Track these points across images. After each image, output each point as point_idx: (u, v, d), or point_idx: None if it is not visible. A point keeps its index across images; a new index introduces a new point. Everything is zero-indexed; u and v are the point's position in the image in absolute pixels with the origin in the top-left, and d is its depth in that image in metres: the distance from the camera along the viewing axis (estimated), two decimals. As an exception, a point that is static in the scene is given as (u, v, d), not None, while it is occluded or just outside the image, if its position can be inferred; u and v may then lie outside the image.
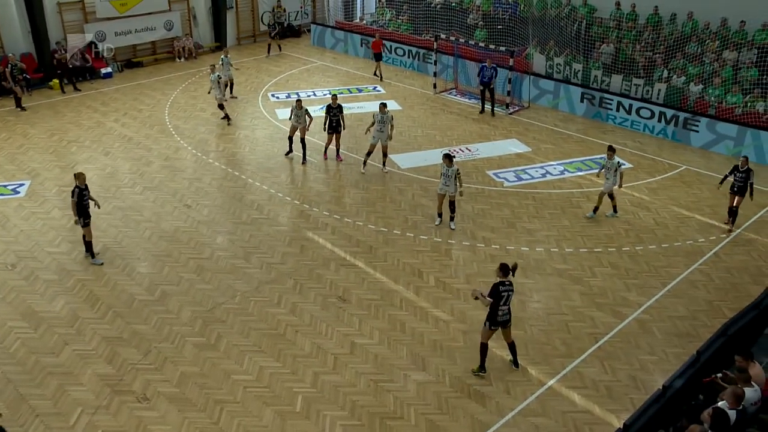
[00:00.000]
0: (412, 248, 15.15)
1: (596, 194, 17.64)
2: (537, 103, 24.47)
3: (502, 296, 10.76)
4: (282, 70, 28.68)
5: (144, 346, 11.95)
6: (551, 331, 12.48)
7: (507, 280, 10.79)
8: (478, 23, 27.95)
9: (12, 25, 25.66)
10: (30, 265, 14.39)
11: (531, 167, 19.27)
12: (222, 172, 18.85)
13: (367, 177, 18.51)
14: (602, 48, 24.20)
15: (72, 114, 23.40)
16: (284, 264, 14.49)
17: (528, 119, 23.14)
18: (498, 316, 10.89)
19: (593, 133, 21.93)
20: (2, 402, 10.67)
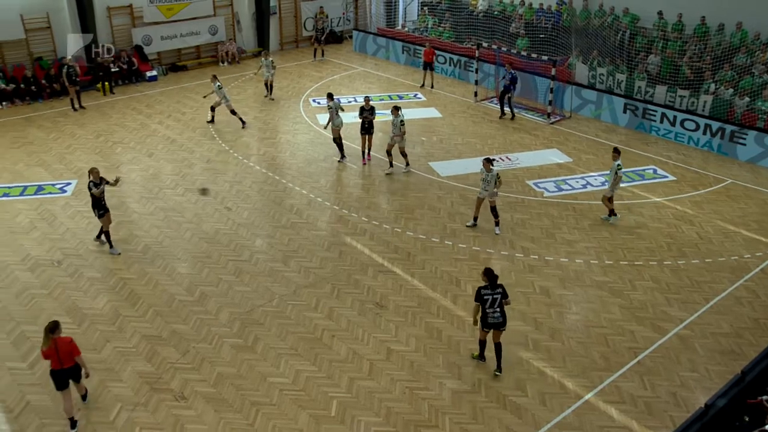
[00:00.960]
0: (450, 256, 15.10)
1: (638, 206, 17.44)
2: (579, 113, 24.23)
3: (485, 299, 11.05)
4: (323, 76, 28.87)
5: (183, 346, 12.10)
6: (590, 343, 12.31)
7: (489, 285, 11.06)
8: (520, 32, 27.82)
9: (65, 29, 26.29)
10: (75, 263, 14.68)
11: (571, 178, 19.08)
12: (263, 176, 19.03)
13: (406, 184, 18.52)
14: (649, 59, 23.87)
15: (118, 116, 23.86)
16: (322, 268, 14.56)
17: (569, 129, 22.93)
18: (488, 317, 11.15)
19: (636, 144, 21.63)
20: (48, 394, 10.90)
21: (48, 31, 25.90)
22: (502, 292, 11.12)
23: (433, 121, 23.46)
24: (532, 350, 12.09)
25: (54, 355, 9.92)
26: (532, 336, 12.47)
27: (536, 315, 13.08)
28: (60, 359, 9.96)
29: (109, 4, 27.20)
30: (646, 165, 20.03)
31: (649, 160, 20.38)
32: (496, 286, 11.09)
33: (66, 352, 9.95)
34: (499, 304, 11.10)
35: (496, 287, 11.09)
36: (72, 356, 10.02)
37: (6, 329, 12.48)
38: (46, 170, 19.19)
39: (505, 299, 11.16)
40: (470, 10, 30.57)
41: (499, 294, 11.08)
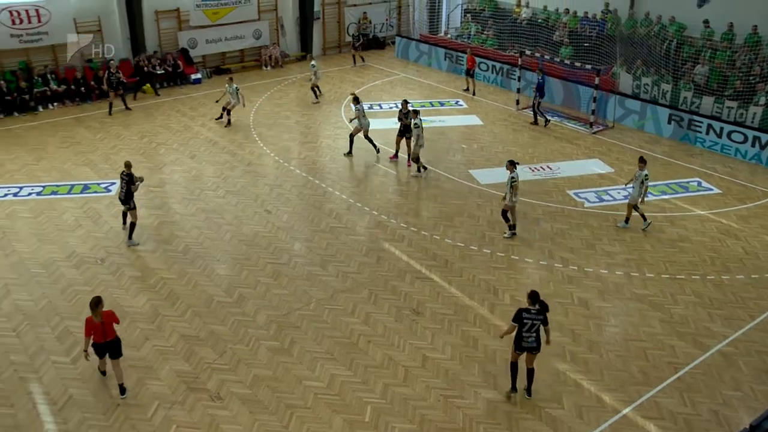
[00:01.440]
0: (488, 264, 15.02)
1: (681, 218, 17.16)
2: (622, 124, 23.91)
3: (525, 323, 10.53)
4: (365, 81, 28.98)
5: (220, 347, 12.23)
6: (628, 357, 12.11)
7: (533, 308, 10.53)
8: (563, 40, 27.58)
9: (114, 31, 26.87)
10: (117, 261, 14.96)
11: (613, 188, 18.82)
12: (302, 180, 19.17)
13: (446, 191, 18.47)
14: (696, 68, 23.46)
15: (162, 117, 24.27)
16: (360, 273, 14.59)
17: (612, 139, 22.63)
18: (523, 340, 10.65)
19: (680, 156, 21.25)
20: (89, 389, 11.14)
21: (99, 34, 26.47)
22: (543, 319, 10.62)
23: (473, 129, 23.37)
24: (570, 362, 11.94)
25: (100, 328, 10.59)
26: (570, 348, 12.32)
27: (574, 326, 12.93)
28: (104, 332, 10.63)
29: (157, 7, 27.71)
30: (691, 177, 19.66)
31: (694, 172, 20.00)
32: (540, 312, 10.58)
33: (110, 324, 10.69)
34: (536, 329, 10.63)
35: (540, 313, 10.59)
36: (113, 331, 10.76)
37: (51, 323, 12.78)
38: (92, 170, 19.61)
39: (544, 326, 10.70)
40: (513, 17, 30.41)
41: (539, 320, 10.59)
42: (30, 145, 21.50)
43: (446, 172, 19.55)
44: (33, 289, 13.90)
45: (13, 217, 16.85)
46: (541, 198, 18.17)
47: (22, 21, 24.52)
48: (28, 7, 24.55)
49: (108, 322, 10.66)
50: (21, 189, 18.38)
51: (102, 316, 10.55)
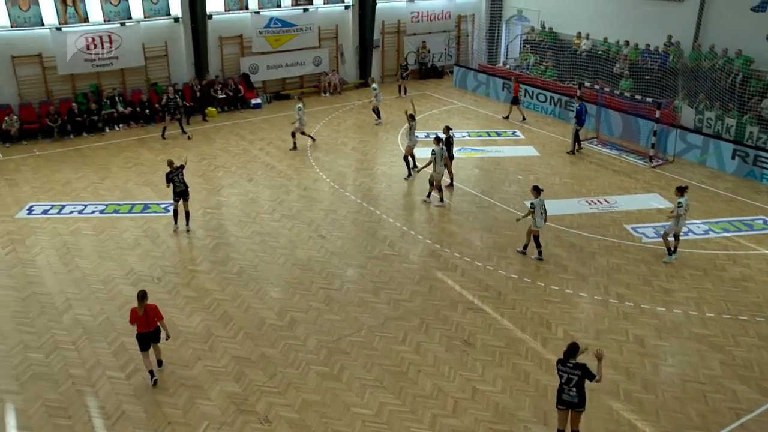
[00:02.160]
0: (541, 297, 14.82)
1: (744, 257, 16.67)
2: (683, 158, 23.44)
3: (561, 376, 10.02)
4: (422, 110, 29.10)
5: (270, 370, 12.33)
6: (686, 399, 11.74)
7: (569, 362, 9.95)
8: (624, 72, 27.29)
9: (180, 56, 27.78)
10: (173, 281, 15.29)
11: (673, 224, 18.40)
12: (357, 206, 19.31)
13: (501, 222, 18.36)
14: (763, 103, 22.87)
15: (222, 141, 24.83)
16: (412, 302, 14.57)
17: (672, 174, 22.18)
18: (562, 393, 10.10)
19: (744, 192, 20.69)
20: (141, 406, 11.35)
21: (165, 59, 27.41)
22: (582, 374, 9.86)
23: (530, 160, 23.23)
24: (624, 401, 11.64)
25: (143, 320, 11.63)
26: (624, 386, 12.01)
27: (629, 365, 12.61)
28: (147, 323, 11.64)
29: (221, 33, 28.52)
30: (755, 215, 19.09)
31: (759, 210, 19.42)
32: (576, 367, 9.88)
33: (152, 317, 11.69)
34: (576, 383, 9.91)
35: (576, 368, 9.89)
36: (156, 321, 11.73)
37: (108, 339, 13.11)
38: (153, 190, 20.15)
39: (589, 379, 9.88)
40: (573, 49, 30.26)
41: (577, 375, 9.87)
42: (96, 164, 22.27)
43: (501, 202, 19.44)
44: (92, 305, 14.31)
45: (78, 234, 17.42)
46: (597, 232, 17.89)
47: (96, 46, 25.56)
48: (102, 33, 25.61)
49: (151, 315, 11.68)
50: (86, 207, 19.03)
51: (146, 308, 11.60)
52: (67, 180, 20.97)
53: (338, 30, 31.95)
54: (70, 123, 24.93)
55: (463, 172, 21.68)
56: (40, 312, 14.05)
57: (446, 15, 35.10)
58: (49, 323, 13.60)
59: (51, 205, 19.14)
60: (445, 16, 35.10)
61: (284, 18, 29.82)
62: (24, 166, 22.17)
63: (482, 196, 19.99)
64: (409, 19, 34.02)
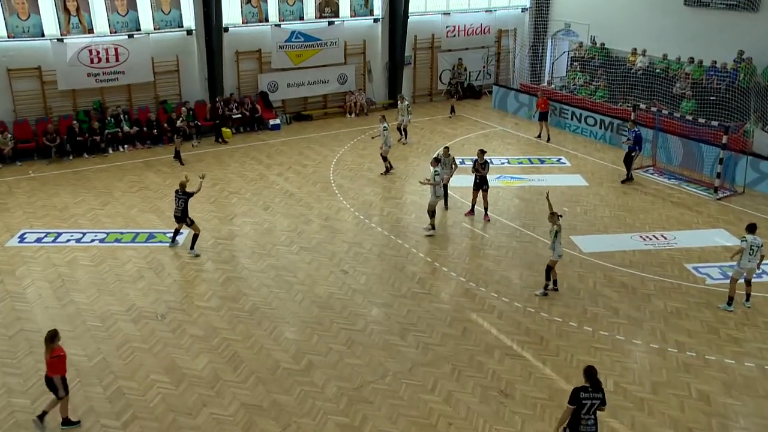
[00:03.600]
0: (589, 344, 14.60)
1: (824, 304, 16.29)
2: (755, 189, 23.14)
3: (584, 404, 10.21)
4: (457, 134, 29.21)
5: (284, 419, 12.25)
6: (757, 465, 11.43)
7: (590, 387, 10.26)
8: (685, 93, 27.14)
9: (192, 72, 28.31)
10: (178, 318, 15.33)
11: (741, 264, 18.10)
12: (384, 239, 19.30)
13: (544, 259, 18.15)
14: None
15: (236, 164, 25.08)
16: (443, 346, 14.44)
17: (741, 207, 21.88)
18: (580, 425, 10.28)
19: (823, 229, 20.33)
20: (136, 459, 11.30)
21: (176, 74, 27.91)
22: (602, 398, 10.32)
23: (577, 190, 23.08)
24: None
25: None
26: (685, 448, 11.74)
27: (692, 424, 12.31)
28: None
29: (238, 48, 29.00)
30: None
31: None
32: (599, 390, 10.29)
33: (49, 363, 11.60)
34: (595, 411, 10.29)
35: (598, 390, 10.29)
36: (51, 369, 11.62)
37: (104, 382, 13.12)
38: (159, 217, 20.36)
39: (602, 406, 10.37)
40: (628, 66, 30.20)
41: (599, 400, 10.28)
42: (97, 188, 22.59)
43: (544, 237, 19.24)
44: (87, 344, 14.35)
45: (74, 265, 17.59)
46: (653, 271, 17.65)
47: (100, 60, 26.10)
48: (108, 46, 26.14)
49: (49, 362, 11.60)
50: (84, 235, 19.24)
51: (51, 352, 11.55)
52: (64, 205, 21.28)
53: (366, 45, 32.34)
54: (69, 143, 25.35)
55: (502, 202, 21.61)
56: (27, 351, 14.08)
57: (485, 29, 35.33)
58: (37, 364, 13.53)
59: (45, 233, 19.38)
60: (484, 31, 35.33)
61: (307, 32, 30.26)
62: (17, 189, 22.55)
63: (523, 230, 19.86)
64: (445, 33, 34.31)
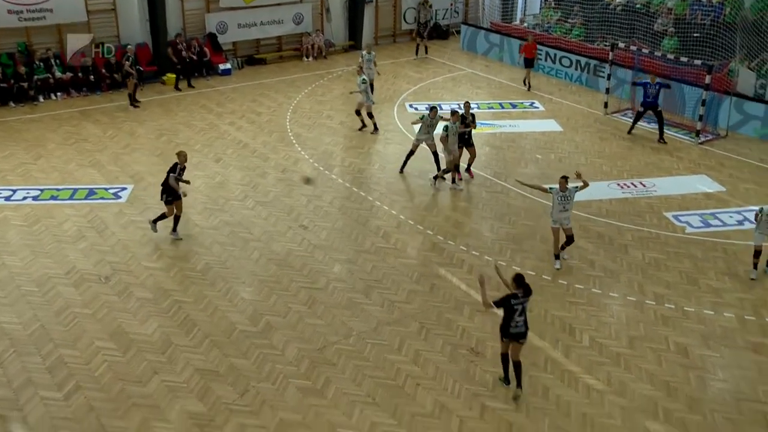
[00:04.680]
0: (564, 298, 14.87)
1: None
2: (738, 132, 23.51)
3: (515, 309, 11.60)
4: (423, 77, 29.14)
5: (241, 384, 12.34)
6: (741, 421, 11.76)
7: (520, 293, 11.58)
8: (667, 30, 27.24)
9: (130, 12, 27.63)
10: (124, 280, 15.27)
11: (723, 212, 18.49)
12: (346, 191, 19.34)
13: (516, 209, 18.41)
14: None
15: (184, 113, 24.82)
16: (409, 303, 14.60)
17: (724, 151, 22.25)
18: (510, 327, 11.75)
19: (813, 173, 20.78)
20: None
21: (112, 14, 27.30)
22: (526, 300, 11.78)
23: (551, 136, 23.25)
24: (663, 422, 11.69)
25: None
26: (663, 404, 12.06)
27: (669, 378, 12.66)
28: None
29: (182, -15, 28.45)
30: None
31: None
32: (528, 293, 11.69)
33: None
34: (524, 312, 11.74)
35: (528, 294, 11.68)
36: None
37: (43, 352, 12.99)
38: (100, 172, 20.13)
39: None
40: (605, 3, 30.21)
41: (526, 301, 11.74)
42: (27, 141, 22.20)
43: (516, 187, 19.44)
44: (23, 310, 14.16)
45: (4, 225, 17.34)
46: (631, 221, 17.96)
47: (23, -6, 25.17)
48: (32, -21, 25.22)
49: None
50: (15, 192, 18.94)
51: None
52: (-8, 160, 20.95)
53: (323, -18, 31.95)
54: (-8, 90, 24.73)
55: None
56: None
57: (452, -38, 35.06)
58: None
59: (-28, 191, 19.08)
60: (451, -36, 35.05)
61: (259, -34, 29.75)
62: (-63, 144, 22.10)
63: (494, 179, 20.02)
64: (408, -34, 33.98)
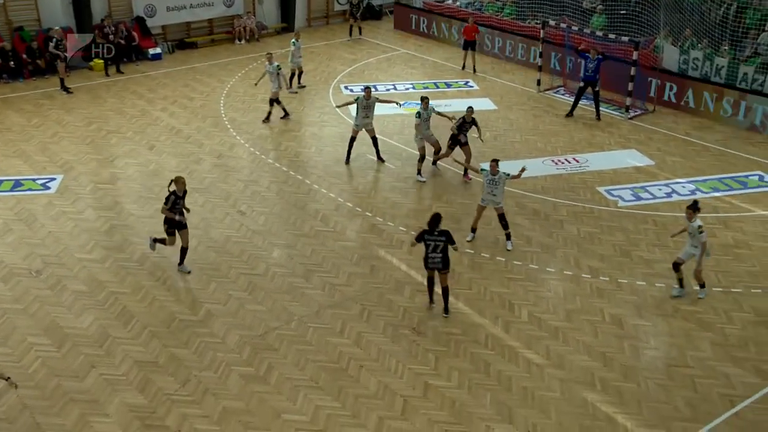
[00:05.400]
0: (502, 275, 15.08)
1: (737, 219, 17.18)
2: (665, 107, 24.00)
3: (428, 244, 13.15)
4: (357, 59, 29.08)
5: (182, 374, 12.25)
6: (672, 387, 12.13)
7: (436, 231, 13.03)
8: (596, 7, 27.61)
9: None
10: (57, 273, 14.97)
11: (653, 184, 18.90)
12: (283, 175, 19.24)
13: (453, 188, 18.56)
14: (761, 38, 23.37)
15: (114, 100, 24.36)
16: (350, 286, 14.65)
17: (652, 126, 22.72)
18: (429, 261, 13.33)
19: (737, 145, 21.31)
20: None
21: (33, -5, 26.54)
22: (446, 240, 13.07)
23: (486, 115, 23.40)
24: (600, 391, 11.98)
25: None
26: (600, 374, 12.36)
27: (605, 349, 12.96)
28: None
29: (106, -34, 27.80)
30: (750, 170, 19.72)
31: (755, 164, 20.07)
32: (441, 234, 13.02)
33: None
34: (442, 249, 13.09)
35: (441, 235, 13.03)
36: None
37: (-26, 349, 12.76)
38: (26, 162, 19.65)
39: (452, 245, 13.17)
40: (536, -19, 30.49)
41: (442, 241, 13.06)
42: (-53, 132, 21.56)
43: (453, 165, 19.57)
44: (-52, 308, 13.85)
45: (-69, 220, 16.89)
46: (565, 196, 18.25)
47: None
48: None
49: None
50: (-62, 185, 18.41)
51: None
52: None
53: (253, -38, 31.59)
54: None
55: (407, 131, 21.72)
56: None
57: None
58: None
59: None
60: (382, -56, 34.95)
61: (187, -54, 29.25)
62: None
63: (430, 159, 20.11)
64: (340, -55, 33.80)
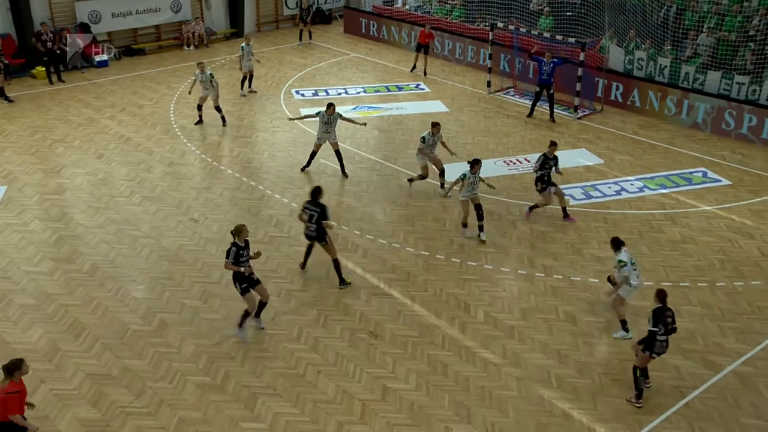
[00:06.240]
0: (457, 276, 15.16)
1: (684, 215, 17.50)
2: (612, 106, 24.36)
3: (304, 212, 14.13)
4: (308, 63, 29.04)
5: (136, 386, 12.12)
6: (625, 381, 12.30)
7: (312, 203, 14.04)
8: (543, 9, 27.97)
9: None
10: (3, 287, 14.68)
11: (603, 183, 19.19)
12: (235, 182, 19.13)
13: (406, 191, 18.61)
14: (699, 38, 23.90)
15: (59, 108, 23.99)
16: (306, 291, 14.62)
17: (600, 125, 23.05)
18: (306, 230, 14.32)
19: (682, 142, 21.74)
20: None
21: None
22: (321, 212, 13.90)
23: (437, 117, 23.41)
24: (556, 388, 12.12)
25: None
26: (556, 371, 12.51)
27: (560, 346, 13.12)
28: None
29: (47, -30, 27.35)
30: (694, 167, 20.14)
31: (698, 161, 20.49)
32: (317, 204, 13.95)
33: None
34: (316, 221, 13.93)
35: (317, 206, 13.94)
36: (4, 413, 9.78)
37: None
38: (-26, 173, 19.30)
39: (324, 220, 13.98)
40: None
41: (316, 212, 13.91)
42: None
43: (407, 168, 19.66)
44: None
45: None
46: (517, 196, 18.44)
47: None
48: None
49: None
50: None
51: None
52: None
53: (201, -33, 31.39)
54: None
55: (359, 134, 21.78)
56: None
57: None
58: None
59: None
60: (331, -52, 34.98)
61: (131, -49, 28.94)
62: None
63: (384, 162, 20.18)
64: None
